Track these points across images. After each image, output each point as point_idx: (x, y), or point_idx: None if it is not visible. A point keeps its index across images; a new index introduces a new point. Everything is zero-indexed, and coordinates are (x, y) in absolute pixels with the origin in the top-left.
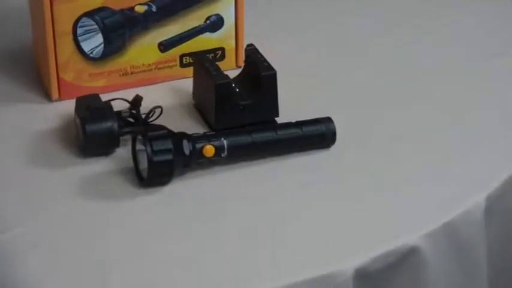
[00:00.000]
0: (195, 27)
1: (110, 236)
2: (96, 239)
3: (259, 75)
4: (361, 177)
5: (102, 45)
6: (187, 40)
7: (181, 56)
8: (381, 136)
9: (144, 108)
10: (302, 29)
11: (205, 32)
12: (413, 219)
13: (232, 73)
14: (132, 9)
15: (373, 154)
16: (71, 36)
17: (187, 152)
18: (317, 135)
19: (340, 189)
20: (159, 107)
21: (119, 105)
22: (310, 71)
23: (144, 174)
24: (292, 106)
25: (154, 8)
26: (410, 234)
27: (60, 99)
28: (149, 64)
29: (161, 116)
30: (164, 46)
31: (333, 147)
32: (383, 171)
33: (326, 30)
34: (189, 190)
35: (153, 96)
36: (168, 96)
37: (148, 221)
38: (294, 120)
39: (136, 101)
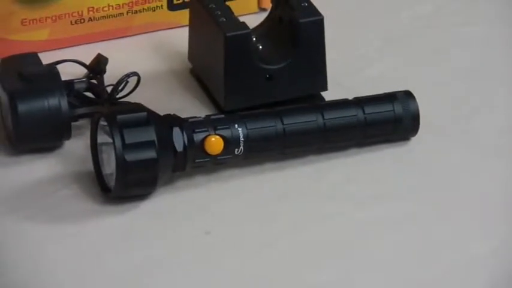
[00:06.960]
0: None
1: (55, 279)
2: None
3: (295, 24)
4: (462, 187)
5: None
6: None
7: None
8: (481, 122)
9: (111, 76)
10: None
11: None
12: None
13: (253, 20)
14: None
15: (476, 150)
16: None
17: (179, 147)
18: (389, 119)
19: (426, 209)
20: (135, 74)
21: (70, 72)
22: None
23: (111, 181)
24: (349, 75)
25: None
26: None
27: None
28: (118, 5)
29: (138, 89)
30: None
31: (415, 140)
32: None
33: None
34: (182, 209)
35: (125, 57)
36: (149, 57)
37: (117, 258)
38: (351, 97)
39: (99, 65)
